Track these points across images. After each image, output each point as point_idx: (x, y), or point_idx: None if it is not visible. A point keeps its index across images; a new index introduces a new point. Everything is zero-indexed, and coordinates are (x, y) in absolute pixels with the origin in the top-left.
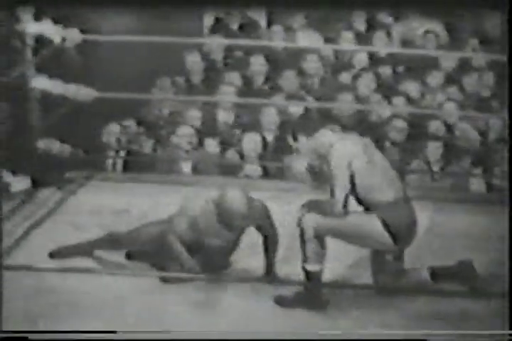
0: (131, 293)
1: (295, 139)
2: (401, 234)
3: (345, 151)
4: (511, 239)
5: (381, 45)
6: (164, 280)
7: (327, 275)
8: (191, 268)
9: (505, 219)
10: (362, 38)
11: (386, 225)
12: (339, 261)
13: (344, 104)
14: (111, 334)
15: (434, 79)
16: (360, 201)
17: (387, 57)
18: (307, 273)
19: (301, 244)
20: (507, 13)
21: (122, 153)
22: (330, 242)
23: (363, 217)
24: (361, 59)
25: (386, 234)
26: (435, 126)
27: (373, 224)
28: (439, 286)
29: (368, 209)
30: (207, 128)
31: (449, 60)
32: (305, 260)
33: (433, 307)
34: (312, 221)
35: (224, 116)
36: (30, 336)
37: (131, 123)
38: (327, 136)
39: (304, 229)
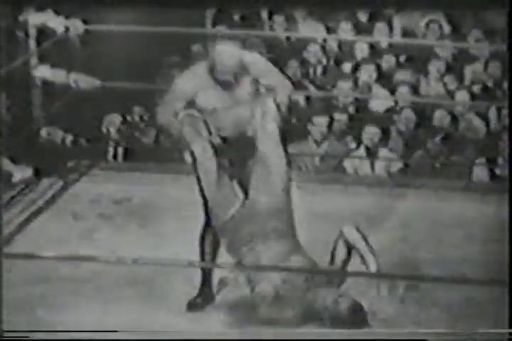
0: (130, 280)
1: None
2: None
3: None
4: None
5: (382, 36)
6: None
7: None
8: None
9: (506, 207)
10: (363, 29)
11: None
12: None
13: (347, 93)
14: (112, 333)
15: (437, 69)
16: None
17: (388, 47)
18: None
19: None
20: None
21: (124, 143)
22: None
23: None
24: (362, 49)
25: None
26: (440, 116)
27: None
28: None
29: None
30: None
31: (450, 50)
32: None
33: None
34: None
35: None
36: (31, 335)
37: (133, 113)
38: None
39: None
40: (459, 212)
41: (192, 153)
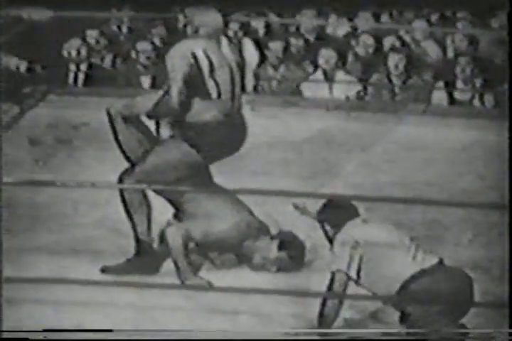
0: (88, 204)
1: None
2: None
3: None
4: None
5: None
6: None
7: None
8: None
9: (466, 131)
10: None
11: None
12: None
13: (305, 19)
14: (109, 332)
15: None
16: None
17: None
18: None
19: None
20: None
21: (83, 67)
22: None
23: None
24: None
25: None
26: (394, 41)
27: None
28: None
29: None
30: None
31: None
32: None
33: None
34: None
35: None
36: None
37: (88, 36)
38: None
39: None
40: (419, 135)
41: None
